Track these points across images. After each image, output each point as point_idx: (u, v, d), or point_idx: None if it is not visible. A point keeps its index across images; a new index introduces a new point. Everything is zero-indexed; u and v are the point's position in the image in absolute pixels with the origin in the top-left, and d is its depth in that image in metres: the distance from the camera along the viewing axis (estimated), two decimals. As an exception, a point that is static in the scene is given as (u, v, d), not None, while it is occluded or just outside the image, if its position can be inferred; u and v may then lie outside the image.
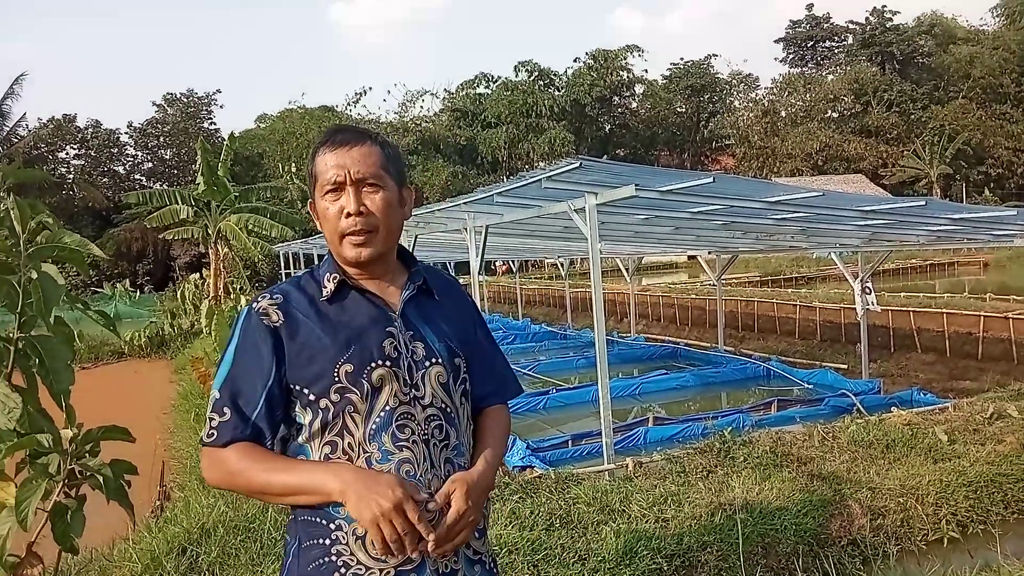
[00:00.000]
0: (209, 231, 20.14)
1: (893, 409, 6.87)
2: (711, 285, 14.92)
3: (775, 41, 58.86)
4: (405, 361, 1.55)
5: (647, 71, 54.27)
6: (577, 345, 14.31)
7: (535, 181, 6.10)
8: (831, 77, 52.00)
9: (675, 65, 52.78)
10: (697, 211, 6.76)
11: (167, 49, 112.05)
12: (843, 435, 5.94)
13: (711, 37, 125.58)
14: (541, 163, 40.29)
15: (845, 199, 6.66)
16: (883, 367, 10.68)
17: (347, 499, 1.41)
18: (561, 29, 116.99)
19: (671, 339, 14.45)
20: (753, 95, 52.64)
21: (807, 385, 9.77)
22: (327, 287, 1.59)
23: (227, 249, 20.40)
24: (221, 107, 71.43)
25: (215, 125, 46.57)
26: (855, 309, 9.46)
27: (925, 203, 6.25)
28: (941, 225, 7.15)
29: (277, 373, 1.52)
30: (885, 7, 53.18)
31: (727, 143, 51.14)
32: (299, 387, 1.52)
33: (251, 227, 19.69)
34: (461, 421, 1.62)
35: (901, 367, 10.84)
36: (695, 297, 16.96)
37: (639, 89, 51.39)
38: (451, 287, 1.76)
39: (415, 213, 9.74)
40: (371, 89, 71.02)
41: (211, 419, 1.51)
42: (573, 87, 46.21)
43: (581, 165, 5.51)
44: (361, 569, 1.45)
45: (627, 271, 15.45)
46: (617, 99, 50.60)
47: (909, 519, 4.67)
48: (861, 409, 7.50)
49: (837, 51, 56.96)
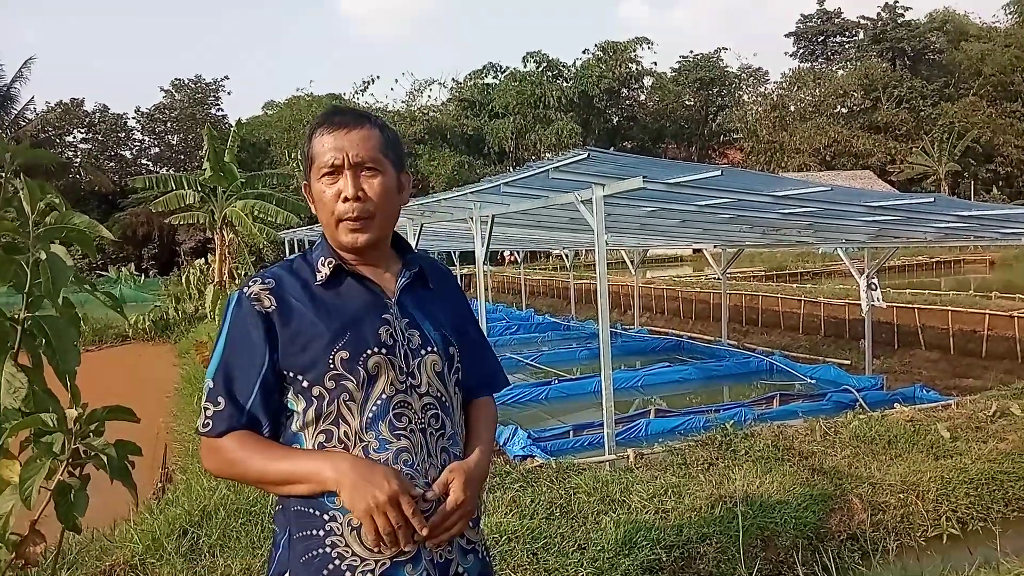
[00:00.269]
0: (215, 217, 20.16)
1: (896, 405, 6.87)
2: (716, 279, 14.90)
3: (785, 35, 58.79)
4: (401, 349, 1.52)
5: (656, 64, 54.34)
6: (580, 336, 14.32)
7: (542, 171, 6.09)
8: (841, 72, 51.82)
9: (684, 58, 52.58)
10: (704, 204, 6.74)
11: (175, 35, 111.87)
12: (845, 430, 5.94)
13: (721, 30, 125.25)
14: (548, 154, 40.18)
15: (853, 194, 6.64)
16: (886, 364, 10.67)
17: (342, 488, 1.39)
18: (570, 21, 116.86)
19: (674, 332, 14.45)
20: (762, 89, 52.47)
21: (810, 380, 9.78)
22: (322, 271, 1.55)
23: (232, 235, 20.41)
24: (229, 93, 71.45)
25: (222, 111, 46.75)
26: (860, 305, 9.44)
27: (934, 200, 6.24)
28: (949, 222, 7.12)
29: (270, 360, 1.48)
30: (897, 3, 52.99)
31: (735, 137, 50.97)
32: (292, 374, 1.49)
33: (257, 213, 19.68)
34: (455, 410, 1.60)
35: (905, 364, 10.82)
36: (699, 291, 16.94)
37: (648, 81, 51.17)
38: (445, 277, 1.74)
39: (422, 202, 9.78)
40: (379, 78, 71.00)
41: (206, 408, 1.49)
42: (581, 78, 46.01)
43: (589, 156, 5.50)
44: (356, 560, 1.43)
45: (632, 263, 15.44)
46: (625, 91, 50.39)
47: (909, 515, 4.68)
48: (863, 405, 7.48)
49: (848, 46, 56.72)
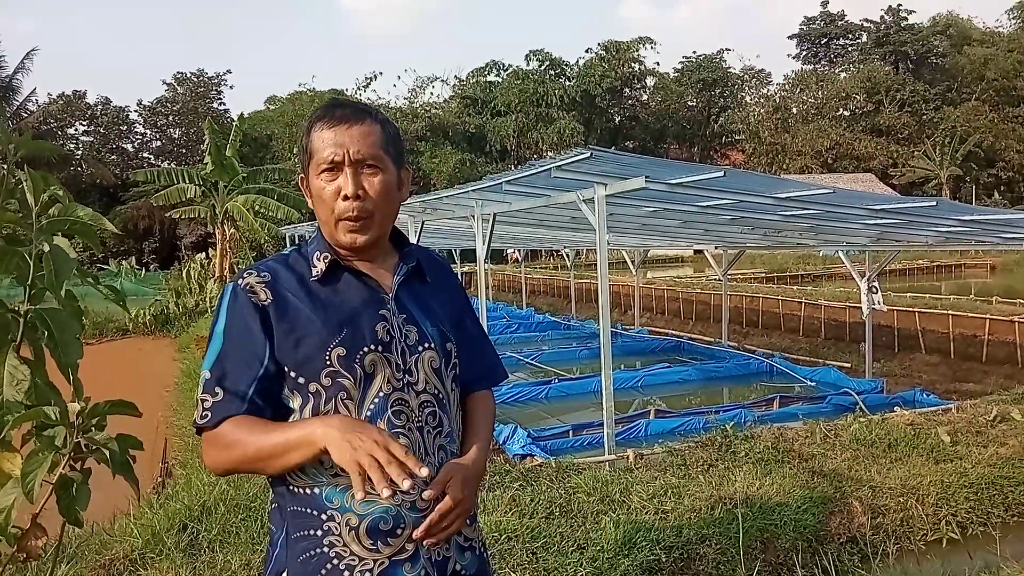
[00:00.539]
0: (216, 211, 20.18)
1: (896, 409, 6.87)
2: (716, 280, 14.89)
3: (788, 37, 58.68)
4: (398, 346, 1.50)
5: (658, 64, 54.20)
6: (580, 336, 14.32)
7: (545, 170, 6.08)
8: (844, 75, 51.77)
9: (687, 58, 52.53)
10: (706, 205, 6.74)
11: (178, 28, 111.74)
12: (845, 433, 5.94)
13: (724, 31, 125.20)
14: (550, 153, 40.16)
15: (855, 197, 6.63)
16: (887, 367, 10.66)
17: (329, 442, 1.33)
18: (573, 19, 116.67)
19: (675, 333, 14.45)
20: (765, 91, 52.43)
21: (810, 383, 9.77)
22: (318, 267, 1.52)
23: (233, 229, 20.44)
24: (231, 88, 71.75)
25: (224, 106, 46.63)
26: (860, 308, 9.44)
27: (936, 203, 6.22)
28: (951, 226, 7.11)
29: (271, 351, 1.45)
30: (900, 6, 52.92)
31: (737, 138, 50.95)
32: (287, 369, 1.46)
33: (258, 208, 19.70)
34: (452, 407, 1.58)
35: (905, 367, 10.82)
36: (700, 291, 16.93)
37: (650, 81, 51.12)
38: (442, 269, 1.70)
39: (424, 199, 9.77)
40: (381, 74, 70.96)
41: (203, 400, 1.45)
42: (584, 77, 45.99)
43: (592, 155, 5.50)
44: (354, 560, 1.41)
45: (633, 264, 15.44)
46: (628, 91, 50.36)
47: (909, 518, 4.68)
48: (863, 408, 7.48)
49: (851, 49, 56.67)
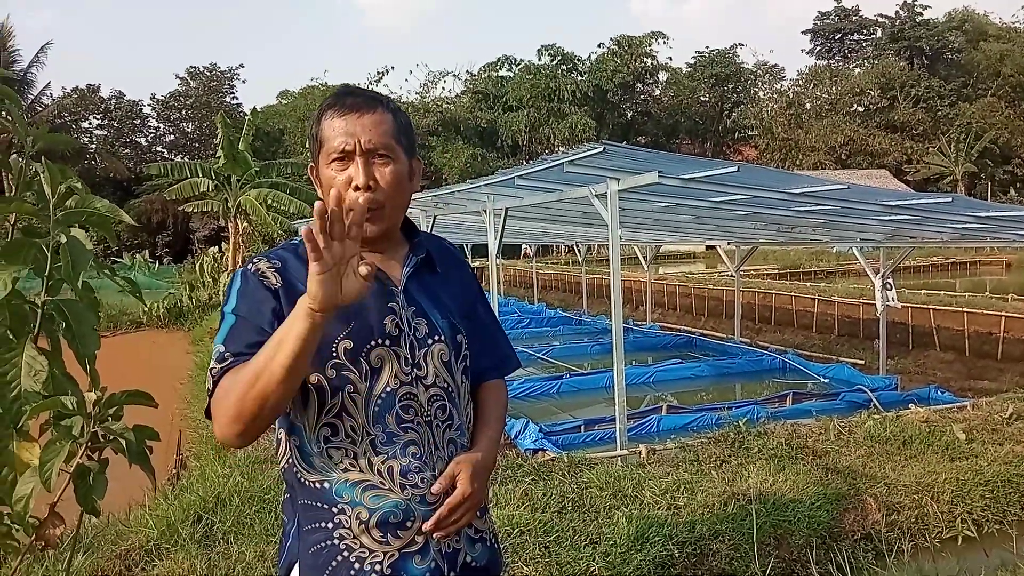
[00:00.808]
0: (228, 205, 20.27)
1: (910, 406, 6.82)
2: (729, 276, 14.83)
3: (802, 32, 58.51)
4: (407, 339, 1.48)
5: (671, 58, 54.13)
6: (592, 331, 14.30)
7: (557, 165, 6.07)
8: (858, 70, 51.44)
9: (700, 53, 52.38)
10: (719, 200, 6.71)
11: (191, 22, 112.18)
12: (859, 430, 5.90)
13: (737, 26, 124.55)
14: (562, 148, 40.12)
15: (870, 193, 6.59)
16: (901, 364, 10.59)
17: (308, 293, 1.23)
18: (585, 14, 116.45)
19: (687, 328, 14.39)
20: (778, 86, 52.21)
21: (823, 379, 9.71)
22: None
23: (246, 223, 20.51)
24: (243, 82, 71.81)
25: (237, 100, 46.92)
26: (874, 305, 9.38)
27: (951, 199, 6.17)
28: (966, 223, 7.05)
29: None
30: (915, 1, 52.53)
31: (750, 134, 50.75)
32: None
33: (270, 202, 19.77)
34: (462, 399, 1.56)
35: (919, 365, 10.74)
36: (712, 287, 16.87)
37: (663, 76, 51.04)
38: (453, 258, 1.68)
39: (435, 194, 9.78)
40: (393, 68, 71.13)
41: (212, 368, 1.38)
42: (596, 72, 45.91)
43: (604, 150, 5.48)
44: (365, 552, 1.42)
45: (645, 259, 15.39)
46: (640, 86, 50.26)
47: (924, 516, 4.65)
48: (877, 405, 7.43)
49: (865, 44, 56.28)
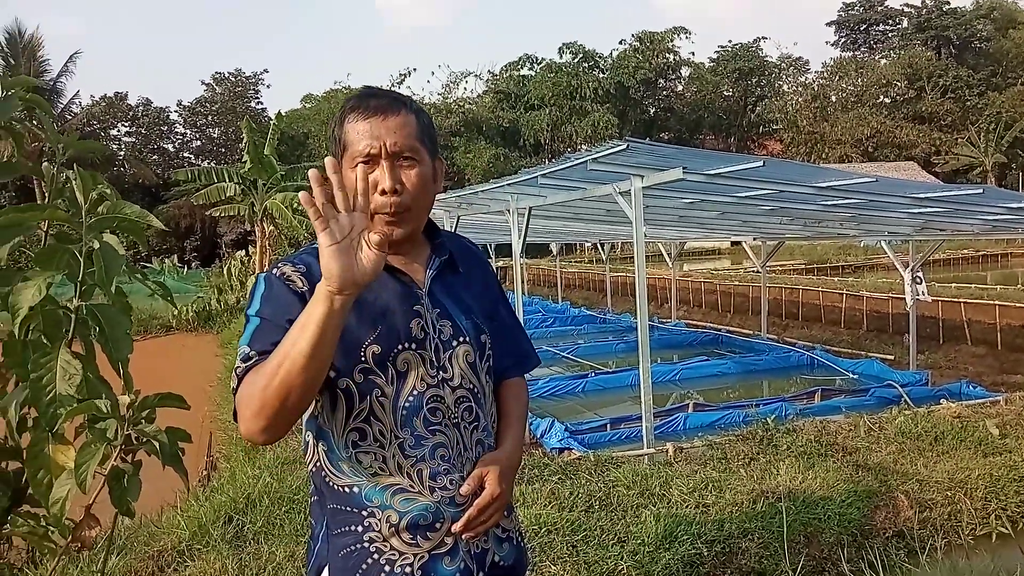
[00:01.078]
0: (255, 209, 20.43)
1: (942, 401, 6.73)
2: (755, 272, 14.71)
3: (827, 24, 57.78)
4: (432, 342, 1.48)
5: (694, 54, 53.66)
6: (616, 329, 14.25)
7: (580, 163, 6.05)
8: (884, 61, 50.65)
9: (723, 48, 51.86)
10: (744, 196, 6.66)
11: (216, 28, 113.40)
12: (890, 426, 5.84)
13: (760, 19, 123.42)
14: (584, 146, 39.98)
15: (898, 185, 6.50)
16: (931, 359, 10.44)
17: (323, 271, 1.24)
18: (607, 11, 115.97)
19: (712, 325, 14.30)
20: (803, 79, 51.45)
21: (852, 375, 9.60)
22: None
23: (272, 227, 20.68)
24: (268, 87, 72.68)
25: (262, 105, 47.22)
26: (903, 299, 9.26)
27: (982, 191, 6.08)
28: (998, 214, 6.94)
29: None
30: (942, -11, 51.67)
31: (774, 128, 50.18)
32: None
33: (296, 206, 19.87)
34: (487, 400, 1.57)
35: (950, 359, 10.57)
36: (738, 284, 16.74)
37: (685, 72, 50.59)
38: (474, 258, 1.68)
39: (459, 194, 9.80)
40: (415, 70, 71.39)
41: (237, 368, 1.38)
42: (618, 69, 45.65)
43: (628, 147, 5.46)
44: (395, 555, 1.43)
45: (669, 256, 15.31)
46: (663, 82, 49.90)
47: (957, 512, 4.59)
48: (908, 401, 7.34)
49: (891, 35, 55.49)
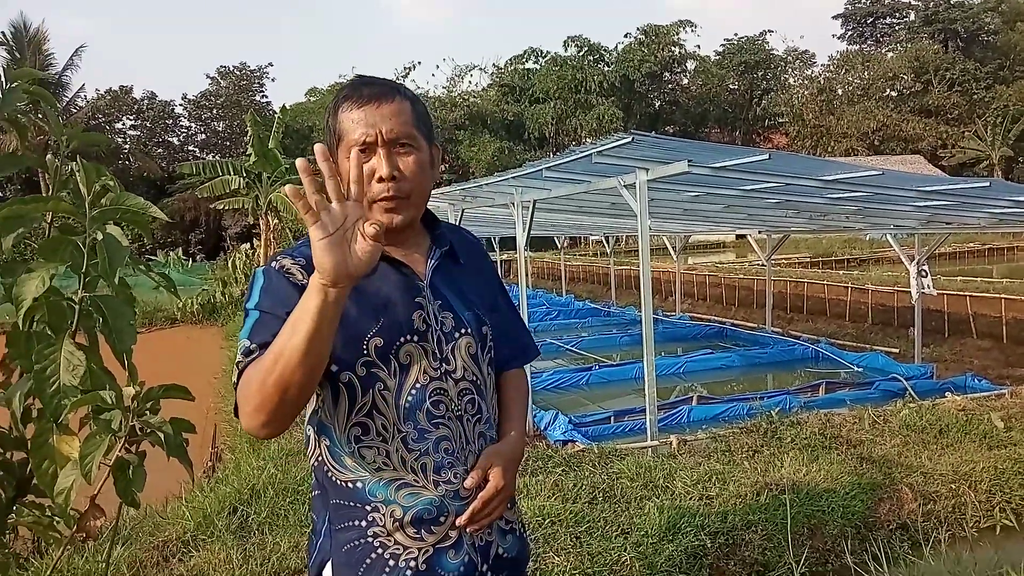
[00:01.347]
0: (259, 202, 20.44)
1: (947, 394, 6.72)
2: (759, 265, 14.69)
3: (833, 17, 57.54)
4: (434, 335, 1.47)
5: (699, 47, 53.21)
6: (620, 322, 14.25)
7: (585, 156, 6.04)
8: (891, 55, 50.47)
9: (728, 41, 51.66)
10: (750, 189, 6.64)
11: (220, 22, 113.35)
12: (895, 419, 5.82)
13: (766, 13, 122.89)
14: (589, 139, 39.90)
15: (905, 179, 6.48)
16: (936, 352, 10.41)
17: (315, 262, 1.19)
18: (612, 4, 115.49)
19: (717, 318, 14.29)
20: (809, 72, 51.36)
21: (857, 368, 9.60)
22: None
23: (277, 220, 20.70)
24: (272, 80, 72.65)
25: (267, 98, 47.36)
26: (909, 292, 9.23)
27: (989, 184, 6.05)
28: (1005, 208, 6.91)
29: None
30: (950, -18, 51.35)
31: (780, 121, 50.01)
32: None
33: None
34: (489, 391, 1.56)
35: (955, 352, 10.55)
36: (743, 277, 16.71)
37: (691, 65, 50.40)
38: (474, 249, 1.67)
39: (463, 187, 9.79)
40: (420, 64, 71.15)
41: (239, 363, 1.33)
42: (623, 63, 45.52)
43: (633, 140, 5.46)
44: (399, 549, 1.42)
45: (674, 249, 15.29)
46: (668, 75, 49.74)
47: (961, 505, 4.58)
48: (913, 394, 7.34)
49: (898, 28, 55.19)
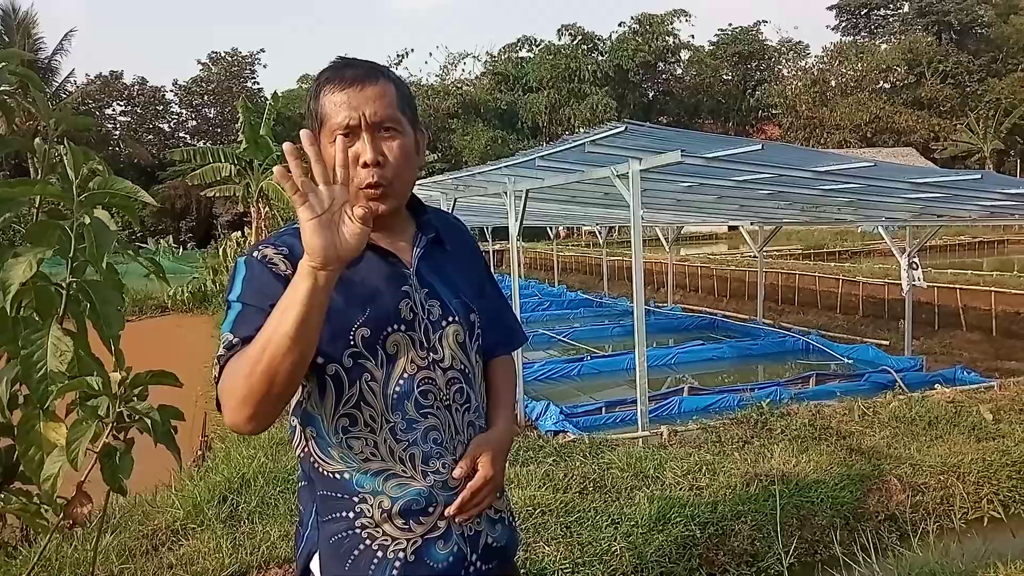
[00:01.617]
0: (251, 189, 20.36)
1: (936, 387, 6.76)
2: (751, 257, 14.71)
3: (827, 8, 57.39)
4: (421, 324, 1.44)
5: (693, 37, 52.99)
6: (612, 313, 14.27)
7: (578, 145, 6.02)
8: (884, 46, 50.51)
9: (722, 31, 51.66)
10: (742, 180, 6.63)
11: (212, 7, 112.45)
12: (884, 411, 5.86)
13: (761, 3, 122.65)
14: (582, 129, 39.79)
15: (897, 170, 6.48)
16: (926, 344, 10.46)
17: (305, 245, 1.19)
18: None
19: (708, 310, 14.32)
20: (802, 63, 51.34)
21: (847, 360, 9.63)
22: None
23: (268, 208, 20.62)
24: (264, 67, 72.09)
25: (258, 84, 47.00)
26: (899, 285, 9.27)
27: (980, 176, 6.07)
28: (995, 200, 6.94)
29: None
30: (944, -26, 51.35)
31: (773, 112, 50.04)
32: None
33: (292, 186, 19.81)
34: (477, 380, 1.54)
35: (945, 345, 10.61)
36: (735, 268, 16.75)
37: (684, 55, 50.36)
38: (459, 234, 1.63)
39: (456, 176, 9.75)
40: (413, 51, 70.86)
41: (220, 355, 1.29)
42: (617, 52, 45.44)
43: (626, 129, 5.43)
44: (387, 540, 1.40)
45: (666, 240, 15.30)
46: (662, 65, 49.68)
47: (949, 496, 4.61)
48: (902, 386, 7.37)
49: (892, 19, 55.24)
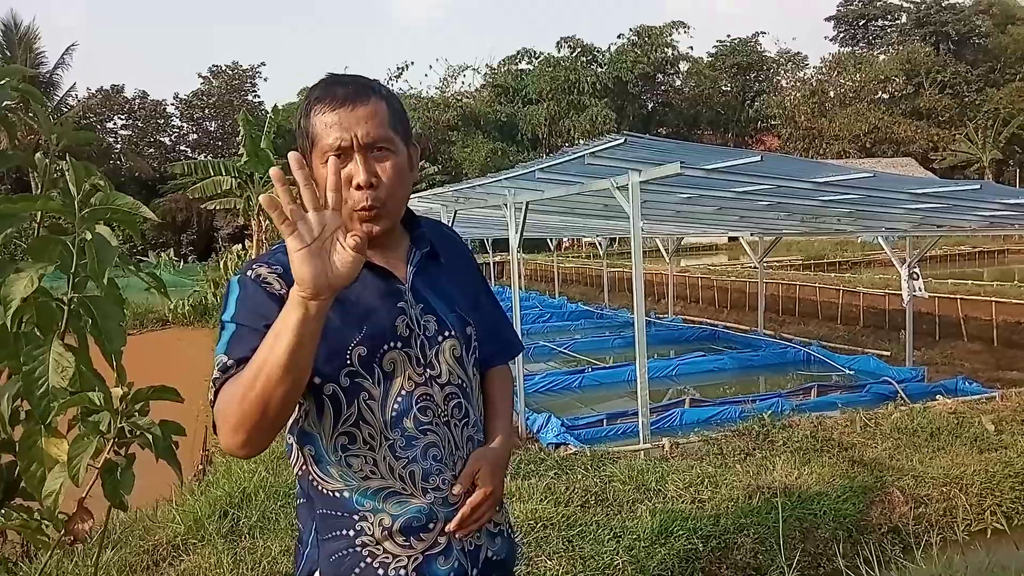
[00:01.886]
0: (251, 202, 20.42)
1: (938, 397, 6.75)
2: (752, 268, 14.71)
3: (825, 19, 57.80)
4: (418, 340, 1.43)
5: (692, 48, 53.13)
6: (613, 325, 14.25)
7: (578, 157, 6.04)
8: (883, 57, 50.73)
9: (721, 43, 51.82)
10: (742, 191, 6.65)
11: (213, 21, 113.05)
12: (886, 422, 5.84)
13: (759, 14, 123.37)
14: (582, 140, 39.90)
15: (896, 181, 6.50)
16: (927, 355, 10.45)
17: (294, 273, 1.15)
18: (605, 5, 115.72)
19: (709, 321, 14.31)
20: (801, 74, 51.46)
21: (848, 371, 9.62)
22: None
23: (269, 221, 20.65)
24: (265, 80, 72.28)
25: (259, 98, 47.16)
26: (900, 295, 9.26)
27: (980, 186, 6.09)
28: (995, 210, 6.95)
29: None
30: (941, -15, 51.66)
31: (772, 123, 50.15)
32: None
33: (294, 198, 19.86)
34: (475, 394, 1.53)
35: (946, 355, 10.59)
36: (735, 279, 16.74)
37: (683, 67, 50.49)
38: (453, 245, 1.62)
39: (456, 188, 9.77)
40: (413, 64, 71.06)
41: (215, 378, 1.28)
42: (616, 64, 45.59)
43: (626, 141, 5.46)
44: (388, 557, 1.40)
45: (666, 252, 15.31)
46: (661, 77, 49.83)
47: (952, 508, 4.59)
48: (904, 397, 7.36)
49: (890, 30, 55.50)
